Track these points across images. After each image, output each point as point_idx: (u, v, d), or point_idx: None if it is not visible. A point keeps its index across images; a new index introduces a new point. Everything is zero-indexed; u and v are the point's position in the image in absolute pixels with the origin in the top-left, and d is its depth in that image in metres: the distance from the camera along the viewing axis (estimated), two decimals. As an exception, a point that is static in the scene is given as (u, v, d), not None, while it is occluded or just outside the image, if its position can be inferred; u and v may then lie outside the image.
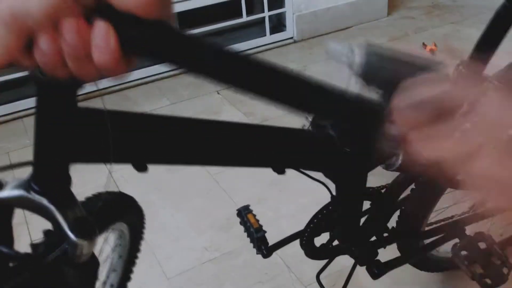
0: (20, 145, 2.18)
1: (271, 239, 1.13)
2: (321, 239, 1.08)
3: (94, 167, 1.97)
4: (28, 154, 0.59)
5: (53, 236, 0.70)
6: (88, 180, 1.93)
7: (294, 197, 1.80)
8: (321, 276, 1.20)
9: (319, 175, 0.86)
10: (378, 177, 1.09)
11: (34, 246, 0.69)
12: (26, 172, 0.62)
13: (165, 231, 1.70)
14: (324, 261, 1.16)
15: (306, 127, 0.77)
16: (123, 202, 0.88)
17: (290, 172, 0.83)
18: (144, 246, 1.62)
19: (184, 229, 1.70)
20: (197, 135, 0.63)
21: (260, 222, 1.15)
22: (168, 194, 1.87)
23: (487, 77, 0.83)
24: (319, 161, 0.75)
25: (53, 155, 0.58)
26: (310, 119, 0.77)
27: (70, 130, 0.56)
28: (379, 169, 0.89)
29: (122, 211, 0.89)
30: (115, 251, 1.06)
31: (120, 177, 1.95)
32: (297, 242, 1.08)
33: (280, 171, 0.72)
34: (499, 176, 0.36)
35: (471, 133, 0.37)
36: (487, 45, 0.90)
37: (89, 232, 0.58)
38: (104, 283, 1.07)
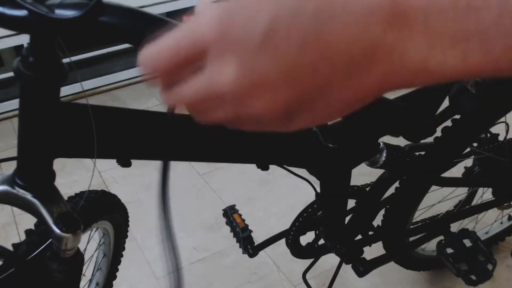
0: (9, 145, 2.17)
1: (261, 239, 1.13)
2: (307, 238, 1.09)
3: (84, 169, 1.94)
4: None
5: (36, 235, 0.71)
6: (77, 181, 1.93)
7: (284, 196, 1.81)
8: (311, 276, 1.21)
9: (304, 173, 0.86)
10: (367, 177, 1.10)
11: (16, 245, 0.70)
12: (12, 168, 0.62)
13: (154, 231, 1.70)
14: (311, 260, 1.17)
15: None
16: (106, 200, 0.88)
17: (279, 172, 0.83)
18: (133, 246, 1.62)
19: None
20: (181, 131, 0.64)
21: (250, 222, 1.15)
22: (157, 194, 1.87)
23: None
24: (302, 157, 0.76)
25: (36, 150, 0.58)
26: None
27: (54, 125, 0.56)
28: (368, 169, 0.90)
29: (105, 209, 0.89)
30: (99, 249, 1.06)
31: (109, 177, 1.95)
32: (286, 242, 1.09)
33: (263, 167, 0.73)
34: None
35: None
36: None
37: (74, 226, 0.59)
38: (90, 281, 1.08)
